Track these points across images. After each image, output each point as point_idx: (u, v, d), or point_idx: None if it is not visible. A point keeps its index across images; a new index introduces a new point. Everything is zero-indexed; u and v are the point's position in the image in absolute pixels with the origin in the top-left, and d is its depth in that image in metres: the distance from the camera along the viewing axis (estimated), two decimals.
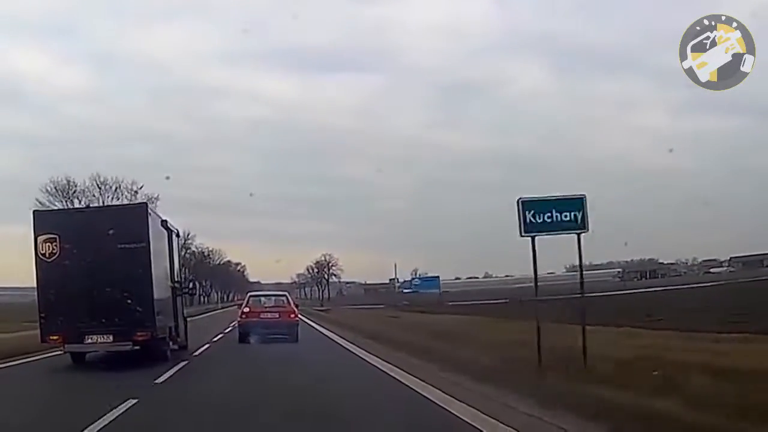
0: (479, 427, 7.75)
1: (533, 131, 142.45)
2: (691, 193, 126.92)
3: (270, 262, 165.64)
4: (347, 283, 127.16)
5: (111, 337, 14.69)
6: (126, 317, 14.54)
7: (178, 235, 19.42)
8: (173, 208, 72.44)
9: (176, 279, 18.44)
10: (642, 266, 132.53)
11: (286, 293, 25.45)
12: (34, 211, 16.50)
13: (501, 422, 7.89)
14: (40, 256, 14.93)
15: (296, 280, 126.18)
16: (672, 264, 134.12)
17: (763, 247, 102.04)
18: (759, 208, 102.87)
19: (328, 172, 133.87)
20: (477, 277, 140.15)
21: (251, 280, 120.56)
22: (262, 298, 24.01)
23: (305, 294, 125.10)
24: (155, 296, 15.15)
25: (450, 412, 8.80)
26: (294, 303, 23.64)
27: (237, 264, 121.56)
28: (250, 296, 24.27)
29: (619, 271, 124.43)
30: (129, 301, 14.58)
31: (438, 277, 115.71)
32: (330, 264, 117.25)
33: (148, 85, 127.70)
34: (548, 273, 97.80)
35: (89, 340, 14.81)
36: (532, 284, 12.40)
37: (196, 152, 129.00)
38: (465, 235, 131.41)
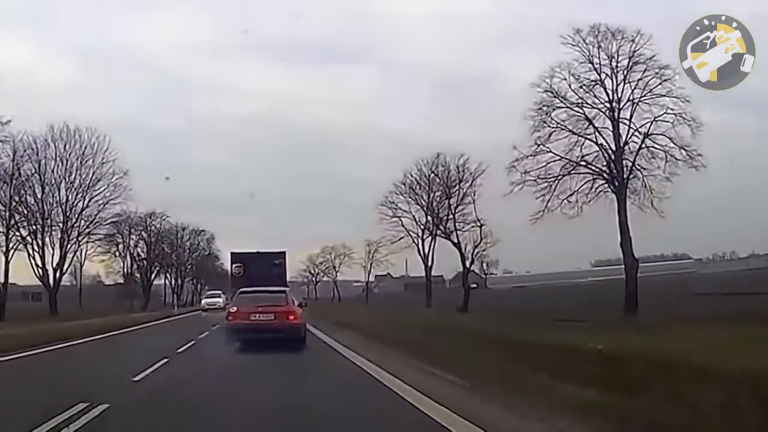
0: None
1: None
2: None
3: None
4: (354, 282, 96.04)
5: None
6: None
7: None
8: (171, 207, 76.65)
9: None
10: None
11: (284, 289, 22.60)
12: (231, 252, 34.19)
13: None
14: (234, 274, 32.44)
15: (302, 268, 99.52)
16: None
17: None
18: None
19: (329, 170, 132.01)
20: (495, 274, 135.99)
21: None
22: (256, 295, 20.82)
23: (309, 293, 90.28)
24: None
25: None
26: (299, 302, 21.64)
27: (201, 231, 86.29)
28: (240, 293, 21.40)
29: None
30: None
31: None
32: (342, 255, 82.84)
33: (142, 80, 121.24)
34: (576, 269, 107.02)
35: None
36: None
37: (195, 150, 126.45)
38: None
